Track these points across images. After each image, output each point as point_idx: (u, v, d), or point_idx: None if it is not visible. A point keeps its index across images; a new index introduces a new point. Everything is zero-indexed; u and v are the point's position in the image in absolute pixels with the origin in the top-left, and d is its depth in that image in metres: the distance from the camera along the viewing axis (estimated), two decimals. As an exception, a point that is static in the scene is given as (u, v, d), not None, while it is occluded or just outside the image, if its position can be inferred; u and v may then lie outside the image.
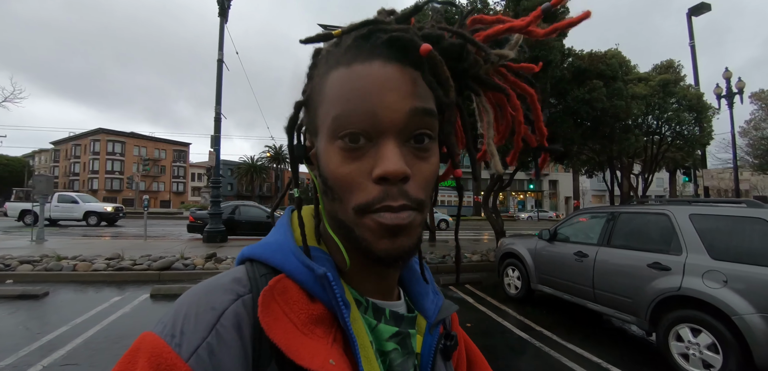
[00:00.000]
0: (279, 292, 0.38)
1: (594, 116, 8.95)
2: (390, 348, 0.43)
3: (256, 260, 0.43)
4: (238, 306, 0.37)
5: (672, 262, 3.54)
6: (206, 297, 0.37)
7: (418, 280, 0.52)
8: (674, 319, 3.41)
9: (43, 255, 7.43)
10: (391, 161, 0.36)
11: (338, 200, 0.39)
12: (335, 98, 0.38)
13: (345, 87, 0.38)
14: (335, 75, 0.39)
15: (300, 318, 0.38)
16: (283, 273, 0.40)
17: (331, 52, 0.41)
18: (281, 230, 0.45)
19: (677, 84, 11.31)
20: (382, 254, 0.38)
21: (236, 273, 0.41)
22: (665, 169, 18.19)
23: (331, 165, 0.39)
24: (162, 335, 0.34)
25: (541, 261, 5.36)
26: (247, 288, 0.39)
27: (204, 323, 0.35)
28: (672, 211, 3.79)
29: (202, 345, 0.34)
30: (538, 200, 45.51)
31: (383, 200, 0.37)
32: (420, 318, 0.49)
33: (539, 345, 4.07)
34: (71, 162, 60.57)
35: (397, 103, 0.37)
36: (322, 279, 0.39)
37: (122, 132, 59.12)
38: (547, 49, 7.68)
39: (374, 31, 0.39)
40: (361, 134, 0.37)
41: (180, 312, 0.36)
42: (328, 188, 0.40)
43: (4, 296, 5.30)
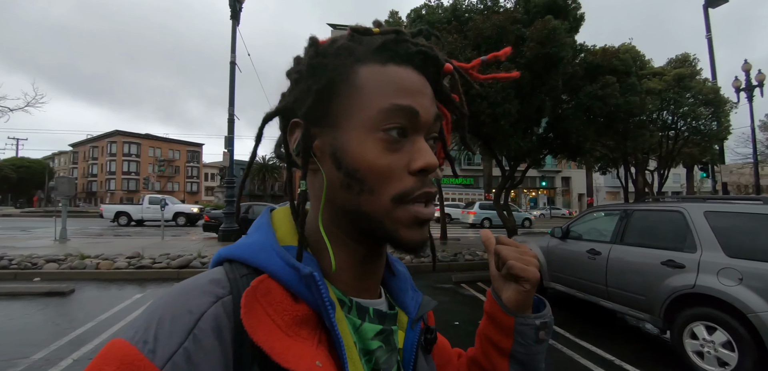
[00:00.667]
0: (262, 293, 0.37)
1: (607, 112, 8.86)
2: (375, 346, 0.43)
3: (236, 261, 0.41)
4: (218, 309, 0.35)
5: (686, 260, 3.52)
6: (182, 299, 0.35)
7: (397, 276, 0.53)
8: (689, 317, 3.40)
9: (68, 254, 7.72)
10: (430, 154, 0.41)
11: (368, 191, 0.39)
12: (377, 92, 0.40)
13: (388, 83, 0.40)
14: (368, 70, 0.41)
15: (284, 320, 0.37)
16: (265, 274, 0.39)
17: (352, 48, 0.42)
18: (262, 230, 0.44)
19: (693, 78, 11.11)
20: (412, 244, 0.41)
21: (214, 274, 0.39)
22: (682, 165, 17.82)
23: (368, 156, 0.39)
24: (133, 341, 0.32)
25: (553, 259, 5.36)
26: (226, 290, 0.37)
27: (180, 327, 0.33)
28: (686, 208, 3.76)
29: (179, 351, 0.32)
30: (550, 197, 44.97)
31: (422, 188, 0.40)
32: (401, 314, 0.49)
33: (552, 343, 4.09)
34: (89, 164, 62.22)
35: (429, 107, 0.42)
36: (308, 279, 0.38)
37: (137, 134, 60.49)
38: (557, 45, 7.63)
39: (402, 40, 0.43)
40: (400, 129, 0.40)
41: (154, 317, 0.34)
42: (356, 180, 0.40)
43: (33, 293, 5.54)
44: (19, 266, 6.72)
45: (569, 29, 8.32)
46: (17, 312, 4.81)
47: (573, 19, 8.75)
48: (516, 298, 0.53)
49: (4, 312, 4.78)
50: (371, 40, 0.42)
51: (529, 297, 0.54)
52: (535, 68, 7.82)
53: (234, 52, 12.06)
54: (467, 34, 8.28)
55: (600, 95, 8.43)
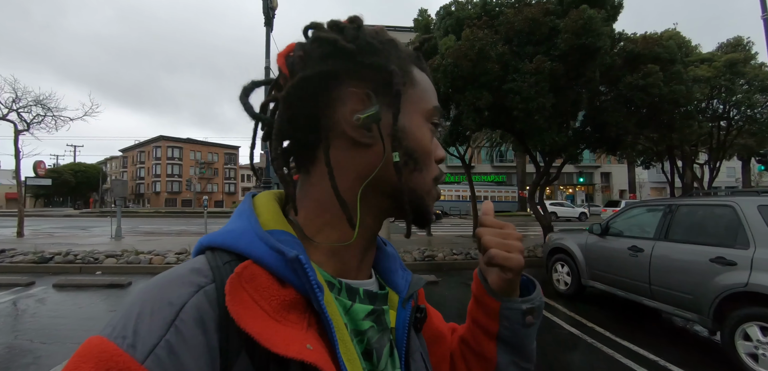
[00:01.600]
0: (247, 279, 0.36)
1: (650, 103, 8.39)
2: (366, 326, 0.43)
3: (217, 249, 0.40)
4: (200, 299, 0.34)
5: (738, 256, 3.34)
6: (161, 291, 0.34)
7: (386, 257, 0.53)
8: (741, 317, 3.23)
9: (124, 250, 8.39)
10: (442, 148, 0.50)
11: (419, 170, 0.45)
12: (427, 91, 0.47)
13: (430, 86, 0.49)
14: (418, 72, 0.47)
15: (271, 305, 0.36)
16: (249, 259, 0.38)
17: (400, 48, 0.47)
18: (244, 216, 0.43)
19: (747, 63, 10.28)
20: (432, 218, 0.50)
21: (195, 264, 0.38)
22: (736, 157, 16.55)
23: (424, 140, 0.46)
24: (111, 337, 0.31)
25: (592, 256, 5.21)
26: (208, 278, 0.36)
27: (161, 319, 0.32)
28: (737, 202, 3.56)
29: (160, 344, 0.30)
30: (588, 193, 43.01)
31: (441, 176, 0.50)
32: (391, 294, 0.49)
33: (591, 341, 4.01)
34: (137, 167, 66.61)
35: None
36: (294, 263, 0.37)
37: (179, 138, 64.04)
38: (594, 35, 7.34)
39: (418, 50, 0.51)
40: (436, 125, 0.49)
41: (132, 312, 0.33)
42: (413, 159, 0.44)
43: (96, 285, 6.11)
44: (84, 261, 7.40)
45: (606, 18, 7.98)
46: (84, 301, 5.33)
47: (610, 7, 8.38)
48: (500, 284, 0.53)
49: (74, 301, 5.32)
50: (405, 46, 0.49)
51: (514, 283, 0.53)
52: (571, 60, 7.57)
53: (268, 57, 12.49)
54: (498, 29, 8.14)
55: (641, 85, 8.01)
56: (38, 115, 13.30)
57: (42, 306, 5.07)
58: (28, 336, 4.00)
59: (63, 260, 7.48)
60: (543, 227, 9.13)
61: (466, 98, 7.88)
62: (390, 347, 0.46)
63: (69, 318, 4.60)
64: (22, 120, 12.97)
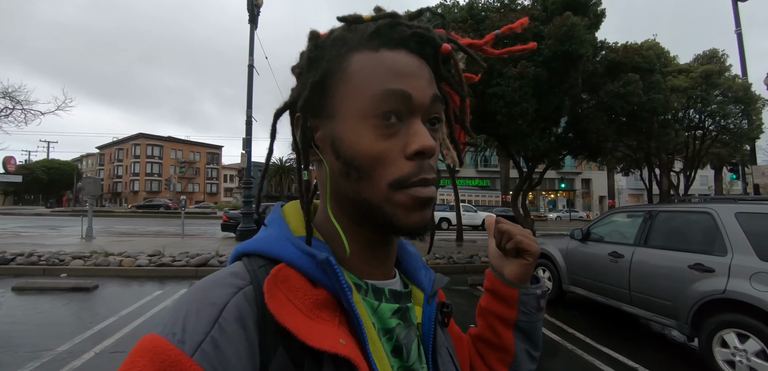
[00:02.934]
0: (282, 280, 0.39)
1: (629, 111, 8.57)
2: (393, 324, 0.45)
3: (253, 254, 0.43)
4: (239, 299, 0.37)
5: (716, 263, 3.35)
6: (205, 293, 0.37)
7: (409, 256, 0.54)
8: (719, 324, 3.23)
9: (93, 251, 8.00)
10: (426, 136, 0.40)
11: (366, 178, 0.40)
12: (369, 79, 0.40)
13: (379, 69, 0.40)
14: (361, 57, 0.41)
15: (305, 304, 0.38)
16: (282, 263, 0.41)
17: (346, 37, 0.43)
18: (275, 224, 0.46)
19: (722, 75, 10.63)
20: (414, 227, 0.41)
21: (233, 268, 0.41)
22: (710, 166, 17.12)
23: (362, 143, 0.40)
24: (163, 334, 0.34)
25: (573, 262, 5.21)
26: (246, 281, 0.39)
27: (206, 318, 0.35)
28: (716, 209, 3.59)
29: (206, 340, 0.33)
30: (569, 199, 43.93)
31: (420, 174, 0.40)
32: (415, 291, 0.51)
33: (572, 348, 3.97)
34: (115, 165, 64.54)
35: (424, 89, 0.41)
36: (324, 264, 0.39)
37: (160, 136, 62.38)
38: (576, 43, 7.44)
39: (396, 24, 0.43)
40: (395, 113, 0.40)
41: (180, 312, 0.36)
42: (354, 168, 0.40)
43: (59, 288, 5.75)
44: (48, 263, 7.00)
45: (589, 26, 8.10)
46: (44, 305, 5.00)
47: (593, 16, 8.52)
48: (519, 271, 0.59)
49: (33, 306, 4.98)
50: (365, 27, 0.43)
51: (531, 269, 0.59)
52: (554, 66, 7.65)
53: (252, 55, 12.23)
54: (483, 33, 8.10)
55: (622, 93, 8.17)
56: (6, 108, 12.65)
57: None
58: (-23, 344, 3.70)
59: (25, 261, 7.06)
60: (525, 231, 9.17)
61: (451, 101, 7.84)
62: (417, 342, 0.47)
63: (25, 324, 4.29)
64: (-13, 113, 12.30)
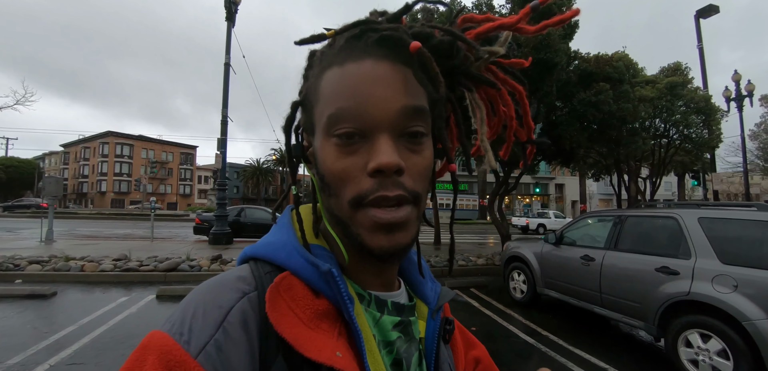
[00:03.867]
0: (285, 289, 0.39)
1: (601, 119, 8.89)
2: (394, 337, 0.45)
3: (260, 259, 0.44)
4: (244, 304, 0.37)
5: (681, 266, 3.48)
6: (213, 295, 0.37)
7: (416, 269, 0.54)
8: (683, 324, 3.36)
9: (52, 256, 7.52)
10: (384, 153, 0.38)
11: (334, 195, 0.41)
12: (329, 97, 0.40)
13: (338, 86, 0.40)
14: (329, 75, 0.41)
15: (306, 314, 0.38)
16: (287, 271, 0.41)
17: (326, 53, 0.43)
18: (283, 229, 0.46)
19: (685, 86, 11.20)
20: (378, 251, 0.39)
21: (241, 272, 0.41)
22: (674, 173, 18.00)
23: (327, 161, 0.40)
24: (170, 333, 0.34)
25: (547, 265, 5.31)
26: (252, 286, 0.39)
27: (212, 320, 0.35)
28: (680, 214, 3.74)
29: (211, 342, 0.34)
30: (544, 203, 45.19)
31: (377, 191, 0.38)
32: (420, 305, 0.51)
33: (545, 350, 4.03)
34: (80, 164, 61.39)
35: (388, 100, 0.39)
36: (327, 275, 0.40)
37: (130, 135, 59.83)
38: (552, 51, 7.64)
39: (366, 30, 0.41)
40: (355, 131, 0.39)
41: (188, 311, 0.36)
42: (325, 184, 0.41)
43: (12, 295, 5.36)
44: (1, 268, 6.52)
45: (563, 36, 8.34)
46: (-5, 315, 4.64)
47: (567, 26, 8.77)
48: None
49: (-19, 315, 4.61)
50: (339, 40, 0.42)
51: None
52: (529, 74, 7.82)
53: (229, 53, 11.93)
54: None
55: (593, 101, 8.46)
56: (-43, 101, 11.82)
57: (-61, 320, 4.35)
58: None
59: (-25, 266, 6.55)
60: (501, 235, 9.32)
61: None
62: (418, 357, 0.47)
63: (-29, 335, 3.96)
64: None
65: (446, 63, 0.44)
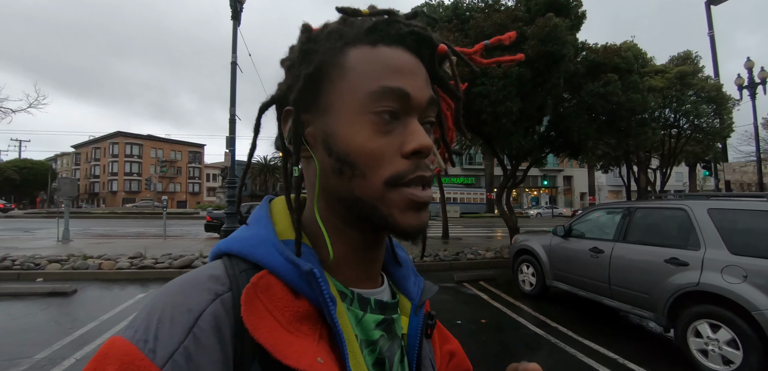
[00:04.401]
0: (262, 289, 0.37)
1: (609, 110, 8.83)
2: (377, 336, 0.43)
3: (235, 256, 0.41)
4: (217, 307, 0.35)
5: (690, 257, 3.50)
6: (181, 297, 0.35)
7: (399, 263, 0.53)
8: (693, 315, 3.38)
9: (70, 254, 7.74)
10: (424, 136, 0.39)
11: (361, 175, 0.39)
12: (367, 74, 0.39)
13: (376, 65, 0.39)
14: (358, 52, 0.40)
15: (285, 316, 0.37)
16: (265, 269, 0.39)
17: (342, 31, 0.41)
18: (261, 223, 0.43)
19: (695, 75, 11.05)
20: (409, 229, 0.40)
21: (213, 270, 0.39)
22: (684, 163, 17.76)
23: (358, 139, 0.38)
24: (133, 340, 0.32)
25: (556, 258, 5.34)
26: (225, 286, 0.37)
27: (180, 326, 0.33)
28: (690, 205, 3.74)
29: (179, 350, 0.31)
30: (552, 196, 44.89)
31: (416, 171, 0.39)
32: (403, 301, 0.50)
33: (555, 341, 4.08)
34: (92, 165, 62.40)
35: (421, 89, 0.41)
36: (309, 276, 0.38)
37: (139, 135, 60.63)
38: (559, 43, 7.60)
39: (393, 21, 0.42)
40: (391, 112, 0.39)
41: (153, 315, 0.33)
42: (348, 165, 0.39)
43: (36, 293, 5.56)
44: (22, 267, 6.74)
45: (570, 27, 8.28)
46: (20, 311, 4.82)
47: (574, 17, 8.70)
48: None
49: (7, 312, 4.80)
50: (362, 21, 0.41)
51: None
52: (537, 66, 7.79)
53: (235, 52, 12.00)
54: (468, 33, 8.25)
55: (602, 92, 8.40)
56: (-27, 106, 12.11)
57: (-32, 317, 4.54)
58: (-52, 353, 3.55)
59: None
60: (510, 228, 9.34)
61: (437, 100, 7.91)
62: (401, 353, 0.46)
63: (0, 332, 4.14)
64: (-47, 111, 11.75)
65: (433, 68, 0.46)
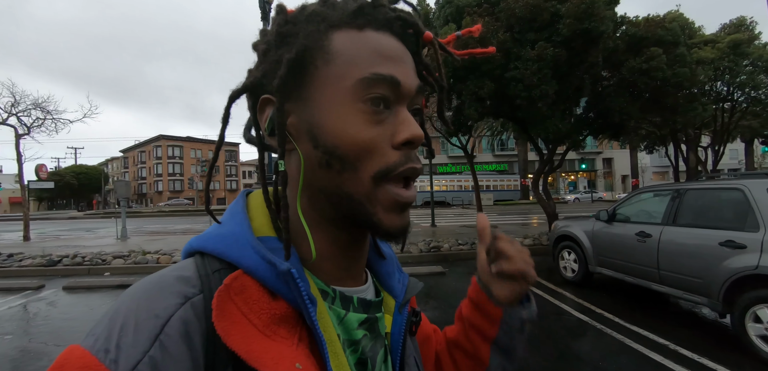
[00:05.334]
0: (236, 291, 0.34)
1: (653, 87, 8.36)
2: (359, 335, 0.41)
3: (208, 254, 0.38)
4: (186, 311, 0.32)
5: (748, 239, 3.34)
6: (147, 301, 0.32)
7: (382, 259, 0.50)
8: (752, 299, 3.23)
9: (131, 250, 8.44)
10: (415, 125, 0.37)
11: (350, 169, 0.36)
12: (355, 60, 0.36)
13: (365, 50, 0.37)
14: (344, 36, 0.37)
15: (261, 320, 0.34)
16: (239, 269, 0.36)
17: (324, 13, 0.39)
18: (236, 219, 0.41)
19: (751, 43, 10.18)
20: (393, 230, 0.38)
21: (183, 270, 0.36)
22: (740, 139, 16.47)
23: (350, 130, 0.36)
24: (93, 350, 0.29)
25: (599, 243, 5.22)
26: (196, 288, 0.34)
27: (145, 333, 0.30)
28: (747, 185, 3.55)
29: (143, 360, 0.29)
30: (591, 180, 42.95)
31: (406, 163, 0.37)
32: (387, 298, 0.48)
33: (601, 327, 4.02)
34: (138, 167, 66.70)
35: (411, 76, 0.39)
36: (286, 276, 0.35)
37: (179, 137, 64.02)
38: (597, 20, 7.28)
39: (378, 5, 0.39)
40: (383, 100, 0.37)
41: (116, 322, 0.31)
42: (336, 158, 0.36)
43: (106, 286, 6.16)
44: (92, 263, 7.45)
45: (608, 2, 7.90)
46: (95, 302, 5.38)
47: (612, -9, 8.28)
48: (510, 294, 0.53)
49: (85, 303, 5.36)
50: (346, 3, 0.39)
51: (523, 294, 0.54)
52: (573, 46, 7.52)
53: (268, 52, 12.41)
54: (499, 16, 8.07)
55: (645, 68, 7.95)
56: (38, 118, 13.33)
57: (53, 308, 5.12)
58: (42, 339, 4.04)
59: (71, 262, 7.53)
60: (548, 215, 9.13)
61: (468, 88, 7.84)
62: (384, 353, 0.44)
63: (81, 320, 4.64)
64: (22, 124, 13.01)
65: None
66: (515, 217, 17.98)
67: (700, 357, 3.30)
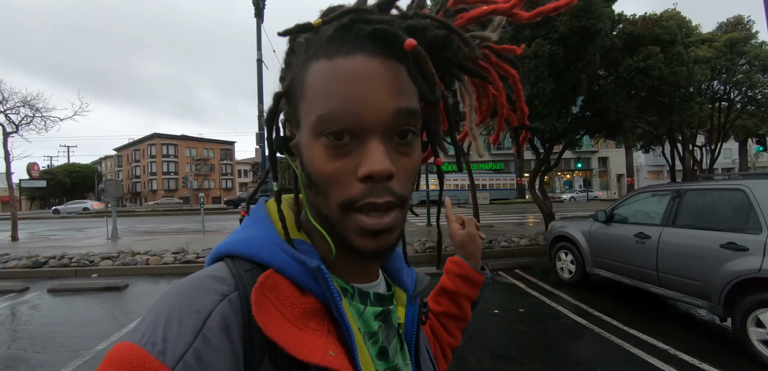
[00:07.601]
0: (269, 288, 0.37)
1: (650, 86, 8.28)
2: (376, 326, 0.45)
3: (238, 257, 0.41)
4: (225, 307, 0.35)
5: (750, 242, 3.25)
6: (188, 299, 0.34)
7: (395, 257, 0.54)
8: (754, 303, 3.15)
9: (120, 251, 8.26)
10: (377, 160, 0.36)
11: (322, 195, 0.39)
12: (318, 95, 0.37)
13: (327, 84, 0.37)
14: (316, 67, 0.38)
15: (293, 313, 0.37)
16: (270, 268, 0.39)
17: (311, 40, 0.39)
18: (261, 224, 0.44)
19: (748, 42, 10.16)
20: (366, 252, 0.39)
21: (217, 271, 0.39)
22: (734, 138, 16.52)
23: (315, 162, 0.38)
24: (141, 343, 0.31)
25: (597, 244, 5.13)
26: (231, 286, 0.37)
27: (189, 327, 0.32)
28: (749, 186, 3.47)
29: (189, 352, 0.31)
30: (586, 179, 43.07)
31: (367, 197, 0.37)
32: (398, 292, 0.52)
33: (598, 331, 3.93)
34: (132, 166, 66.06)
35: (381, 102, 0.36)
36: (315, 272, 0.38)
37: (174, 135, 63.42)
38: (594, 17, 7.19)
39: (356, 21, 0.38)
40: (345, 132, 0.36)
41: (160, 318, 0.33)
42: (312, 183, 0.39)
43: (91, 288, 5.98)
44: (79, 264, 7.27)
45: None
46: (80, 305, 5.21)
47: (609, -11, 8.20)
48: (478, 253, 0.77)
49: (69, 306, 5.20)
50: (327, 28, 0.38)
51: (480, 249, 0.79)
52: (570, 43, 7.43)
53: (260, 49, 12.20)
54: None
55: (641, 67, 7.88)
56: (27, 116, 13.08)
57: (36, 312, 4.95)
58: (22, 345, 3.89)
59: (57, 264, 7.35)
60: (544, 214, 9.06)
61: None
62: (398, 342, 0.48)
63: (64, 325, 4.48)
64: (10, 122, 12.77)
65: (439, 55, 0.42)
66: (512, 216, 17.92)
67: (701, 362, 3.22)
